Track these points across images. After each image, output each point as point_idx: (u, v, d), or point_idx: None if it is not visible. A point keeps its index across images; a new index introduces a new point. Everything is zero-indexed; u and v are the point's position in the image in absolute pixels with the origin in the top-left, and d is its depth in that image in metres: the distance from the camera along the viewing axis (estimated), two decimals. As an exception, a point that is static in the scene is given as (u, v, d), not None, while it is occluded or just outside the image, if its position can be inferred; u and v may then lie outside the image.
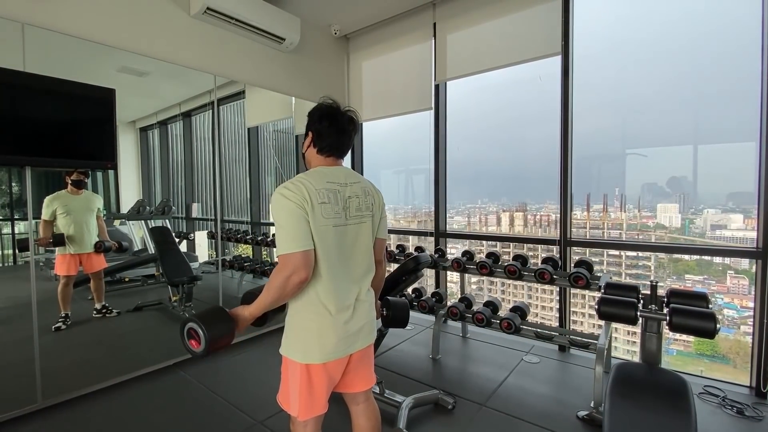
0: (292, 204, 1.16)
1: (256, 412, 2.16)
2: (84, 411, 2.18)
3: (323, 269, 1.21)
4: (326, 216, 1.20)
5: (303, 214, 1.16)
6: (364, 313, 1.32)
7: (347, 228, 1.26)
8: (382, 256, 1.44)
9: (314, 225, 1.18)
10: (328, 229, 1.20)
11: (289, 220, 1.15)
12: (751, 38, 2.31)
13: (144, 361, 2.64)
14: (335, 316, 1.23)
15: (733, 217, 2.67)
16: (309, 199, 1.17)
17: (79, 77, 2.29)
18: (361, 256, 1.31)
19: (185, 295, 3.14)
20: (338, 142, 1.31)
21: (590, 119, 2.98)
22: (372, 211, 1.34)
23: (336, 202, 1.23)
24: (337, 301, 1.23)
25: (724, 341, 2.85)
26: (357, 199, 1.29)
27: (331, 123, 1.30)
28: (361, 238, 1.30)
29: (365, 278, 1.34)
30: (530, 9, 2.98)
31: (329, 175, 1.27)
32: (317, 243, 1.19)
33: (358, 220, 1.29)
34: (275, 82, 3.50)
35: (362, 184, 1.34)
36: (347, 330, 1.26)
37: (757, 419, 2.08)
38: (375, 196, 1.37)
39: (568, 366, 2.76)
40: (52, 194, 2.54)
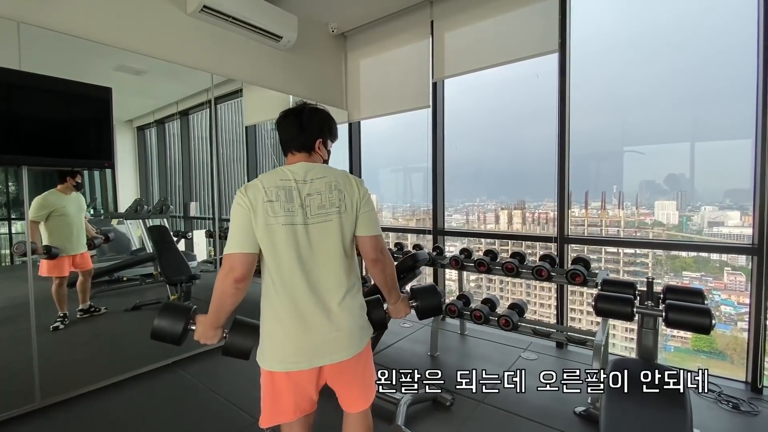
0: (239, 206, 1.15)
1: (255, 411, 2.14)
2: (83, 410, 2.19)
3: (273, 273, 1.18)
4: (273, 214, 1.14)
5: (247, 214, 1.14)
6: (334, 324, 1.19)
7: (308, 228, 1.17)
8: (375, 254, 1.27)
9: (259, 225, 1.14)
10: (275, 228, 1.14)
11: (234, 221, 1.16)
12: (747, 36, 2.31)
13: (143, 360, 2.64)
14: (289, 324, 1.17)
15: (731, 214, 2.68)
16: (253, 199, 1.15)
17: (75, 76, 2.29)
18: (329, 258, 1.20)
19: (184, 294, 3.14)
20: (289, 135, 1.27)
21: (588, 117, 2.99)
22: (340, 206, 1.20)
23: (288, 199, 1.16)
24: (290, 308, 1.17)
25: (721, 338, 2.87)
26: (319, 196, 1.19)
27: (282, 120, 1.29)
28: (328, 238, 1.19)
29: (336, 283, 1.21)
30: (527, 7, 2.98)
31: (285, 173, 1.21)
32: (264, 244, 1.15)
33: (322, 219, 1.19)
34: (273, 80, 3.49)
35: (328, 179, 1.22)
36: (308, 340, 1.17)
37: (753, 414, 2.10)
38: (347, 190, 1.22)
39: (566, 362, 2.77)
40: (42, 195, 2.44)
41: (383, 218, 4.49)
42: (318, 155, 1.30)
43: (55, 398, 2.24)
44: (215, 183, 3.34)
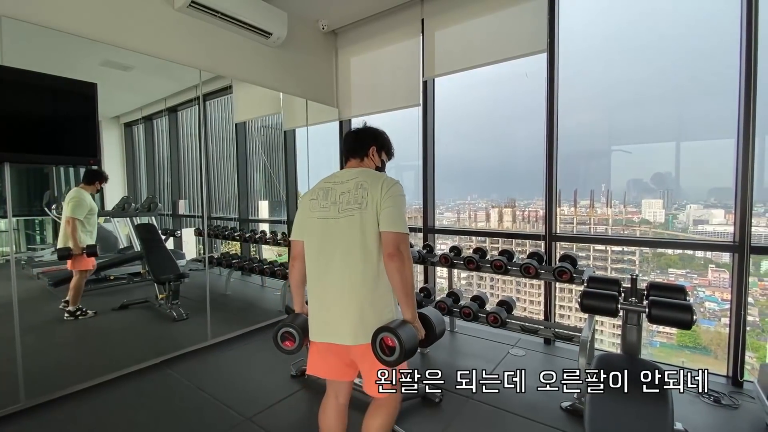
0: (299, 204, 1.50)
1: (245, 409, 2.16)
2: (69, 410, 2.16)
3: (308, 259, 1.43)
4: (313, 210, 1.41)
5: (300, 211, 1.47)
6: (350, 307, 1.32)
7: (338, 221, 1.36)
8: (392, 249, 1.30)
9: (303, 218, 1.44)
10: (312, 221, 1.41)
11: (296, 216, 1.50)
12: (731, 38, 2.36)
13: (130, 360, 2.62)
14: (313, 303, 1.42)
15: (715, 213, 2.74)
16: (305, 198, 1.45)
17: (59, 71, 2.25)
18: (349, 250, 1.33)
19: (172, 293, 3.11)
20: (347, 144, 1.55)
21: (576, 116, 3.02)
22: (362, 203, 1.33)
23: (325, 197, 1.40)
24: (315, 290, 1.41)
25: (705, 333, 2.92)
26: (348, 194, 1.37)
27: (346, 135, 1.59)
28: (351, 231, 1.34)
29: (354, 274, 1.32)
30: (516, 7, 3.00)
31: (331, 176, 1.47)
32: (305, 234, 1.44)
33: (347, 214, 1.35)
34: (262, 77, 3.46)
35: (358, 180, 1.39)
36: (322, 319, 1.39)
37: (733, 407, 2.15)
38: (371, 188, 1.35)
39: (553, 358, 2.81)
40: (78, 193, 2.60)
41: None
42: (371, 161, 1.53)
43: (41, 398, 2.21)
44: (204, 180, 3.30)
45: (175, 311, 3.12)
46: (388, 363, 1.27)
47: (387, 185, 1.36)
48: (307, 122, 3.93)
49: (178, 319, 3.11)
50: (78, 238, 2.51)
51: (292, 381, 2.47)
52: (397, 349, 1.24)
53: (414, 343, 1.30)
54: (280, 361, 2.73)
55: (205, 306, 3.08)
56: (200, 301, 3.11)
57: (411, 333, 1.30)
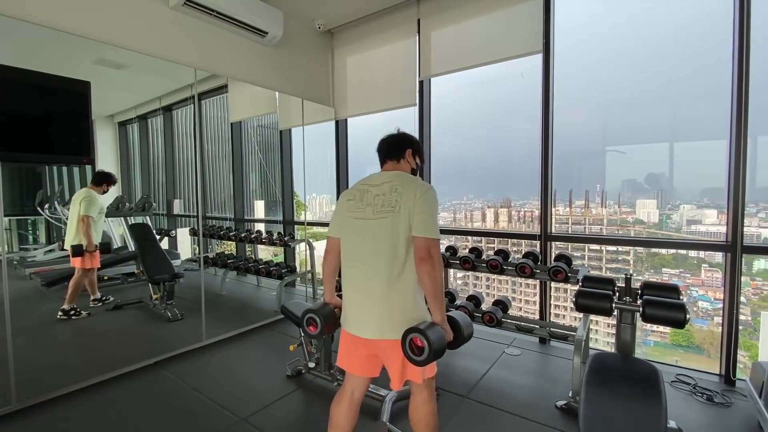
0: (337, 203, 1.59)
1: (240, 409, 2.15)
2: (62, 412, 2.14)
3: (343, 255, 1.54)
4: (349, 210, 1.51)
5: (338, 210, 1.57)
6: (376, 304, 1.41)
7: (372, 222, 1.44)
8: (423, 252, 1.36)
9: (340, 217, 1.55)
10: (348, 221, 1.51)
11: (333, 214, 1.60)
12: (723, 41, 2.38)
13: (124, 361, 2.59)
14: (346, 296, 1.52)
15: (708, 213, 2.76)
16: (342, 198, 1.56)
17: (52, 69, 2.23)
18: (380, 250, 1.41)
19: (166, 293, 3.09)
20: (384, 147, 1.62)
21: (572, 116, 3.04)
22: (395, 207, 1.40)
23: (361, 199, 1.49)
24: (348, 285, 1.51)
25: (698, 332, 2.95)
26: (382, 197, 1.44)
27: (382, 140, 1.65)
28: (383, 232, 1.41)
29: (383, 274, 1.40)
30: (512, 7, 3.01)
31: (367, 179, 1.56)
32: (341, 233, 1.54)
33: (381, 216, 1.42)
34: (258, 76, 3.45)
35: (393, 183, 1.45)
36: (353, 312, 1.48)
37: (726, 405, 2.17)
38: (405, 193, 1.41)
39: (548, 357, 2.82)
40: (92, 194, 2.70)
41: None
42: (407, 163, 1.60)
43: (33, 400, 2.18)
44: (200, 180, 3.29)
45: (170, 311, 3.10)
46: (417, 363, 1.32)
47: (420, 191, 1.41)
48: (303, 122, 3.92)
49: (172, 320, 3.09)
50: (92, 235, 2.63)
51: (287, 381, 2.46)
52: (426, 349, 1.28)
53: (442, 344, 1.34)
54: (275, 361, 2.72)
55: (200, 306, 3.06)
56: (195, 301, 3.09)
57: (440, 334, 1.34)
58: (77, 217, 2.63)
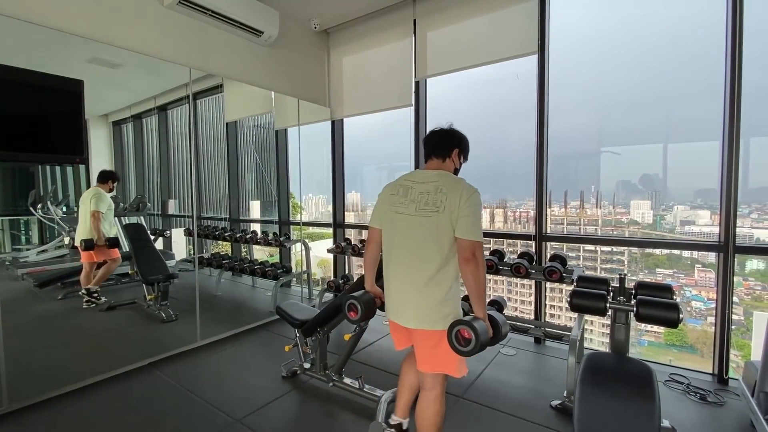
0: (379, 196, 1.67)
1: (234, 410, 2.14)
2: (54, 413, 2.11)
3: (385, 247, 1.62)
4: (392, 204, 1.58)
5: (378, 205, 1.65)
6: (413, 296, 1.50)
7: (414, 218, 1.50)
8: (467, 254, 1.41)
9: (382, 210, 1.62)
10: (390, 214, 1.58)
11: (375, 205, 1.68)
12: (717, 44, 2.41)
13: (118, 361, 2.57)
14: (387, 285, 1.62)
15: (701, 213, 2.78)
16: (385, 192, 1.63)
17: (44, 67, 2.21)
18: (421, 246, 1.48)
19: (161, 293, 3.07)
20: (432, 143, 1.65)
21: (567, 118, 3.05)
22: (440, 207, 1.45)
23: (404, 195, 1.55)
24: (389, 276, 1.60)
25: (692, 332, 2.97)
26: (426, 196, 1.49)
27: (429, 133, 1.68)
28: (425, 229, 1.47)
29: (423, 268, 1.47)
30: (508, 8, 3.02)
31: (411, 175, 1.61)
32: (383, 225, 1.62)
33: (425, 214, 1.48)
34: (253, 76, 3.44)
35: (438, 184, 1.50)
36: (393, 300, 1.58)
37: (719, 405, 2.19)
38: (450, 194, 1.45)
39: (543, 357, 2.83)
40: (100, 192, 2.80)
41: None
42: (452, 162, 1.63)
43: (25, 402, 2.16)
44: (195, 180, 3.27)
45: (164, 312, 3.08)
46: (463, 353, 1.39)
47: (466, 194, 1.44)
48: (299, 122, 3.91)
49: (166, 321, 3.07)
50: (102, 229, 2.77)
51: (282, 382, 2.45)
52: (473, 340, 1.35)
53: (486, 337, 1.41)
54: (270, 362, 2.71)
55: (194, 307, 3.04)
56: (190, 302, 3.07)
57: (484, 328, 1.42)
58: (87, 213, 2.76)
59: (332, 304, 2.25)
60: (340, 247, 3.78)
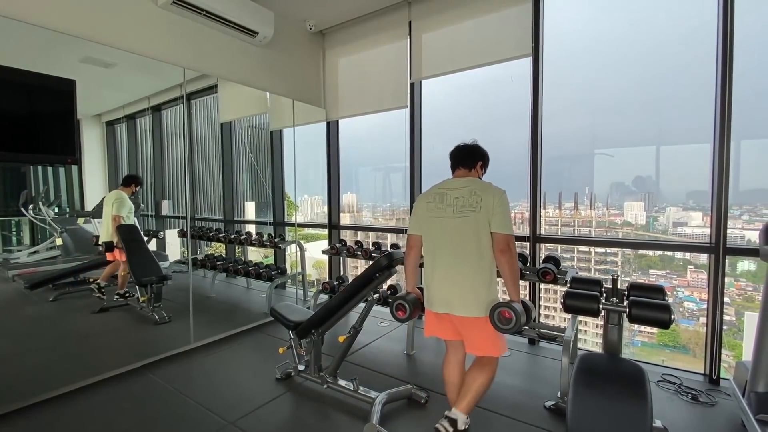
0: (415, 205, 1.90)
1: (227, 413, 2.12)
2: (44, 417, 2.09)
3: (426, 249, 1.84)
4: (430, 211, 1.80)
5: (416, 213, 1.86)
6: (456, 287, 1.73)
7: (453, 221, 1.73)
8: (503, 246, 1.67)
9: (422, 217, 1.83)
10: (430, 220, 1.80)
11: (411, 215, 1.91)
12: (708, 48, 2.44)
13: (110, 364, 2.55)
14: (430, 283, 1.81)
15: (693, 215, 2.81)
16: (421, 201, 1.85)
17: (36, 67, 2.18)
18: (463, 244, 1.71)
19: (154, 295, 3.05)
20: (459, 156, 1.90)
21: (561, 120, 3.07)
22: (476, 207, 1.69)
23: (441, 201, 1.78)
24: (432, 273, 1.80)
25: (684, 332, 3.00)
26: (462, 199, 1.73)
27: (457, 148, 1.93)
28: (465, 228, 1.71)
29: (463, 260, 1.71)
30: (502, 11, 3.04)
31: (443, 184, 1.84)
32: (423, 230, 1.83)
33: (463, 215, 1.71)
34: (248, 76, 3.43)
35: (471, 188, 1.73)
36: (441, 294, 1.77)
37: (710, 405, 2.20)
38: (484, 195, 1.69)
39: (537, 358, 2.84)
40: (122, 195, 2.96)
41: (363, 217, 4.48)
42: (476, 172, 1.89)
43: (14, 405, 2.13)
44: (189, 181, 3.25)
45: (157, 314, 3.05)
46: (504, 330, 1.63)
47: (498, 194, 1.70)
48: (294, 122, 3.90)
49: (160, 322, 3.04)
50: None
51: (277, 384, 2.44)
52: (513, 319, 1.60)
53: (523, 318, 1.64)
54: (264, 364, 2.70)
55: (188, 309, 3.02)
56: (183, 303, 3.05)
57: (521, 309, 1.64)
58: (109, 217, 2.91)
59: (327, 305, 2.25)
60: (335, 248, 3.77)
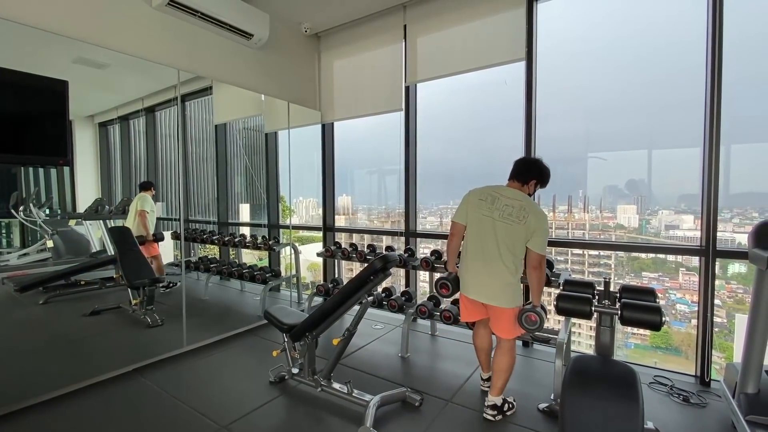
0: (465, 198, 2.14)
1: (220, 417, 2.11)
2: (33, 422, 2.06)
3: (467, 241, 2.10)
4: (480, 207, 2.03)
5: (466, 203, 2.11)
6: (488, 279, 2.01)
7: (497, 222, 1.98)
8: (536, 263, 1.96)
9: (471, 211, 2.07)
10: (477, 216, 2.03)
11: (460, 204, 2.15)
12: (698, 55, 2.47)
13: (101, 368, 2.52)
14: (466, 271, 2.11)
15: (685, 218, 2.84)
16: (472, 196, 2.09)
17: (27, 67, 2.16)
18: (500, 245, 1.97)
19: (146, 298, 3.02)
20: (518, 170, 2.13)
21: (555, 123, 3.10)
22: (520, 220, 1.93)
23: (492, 202, 2.01)
24: (469, 263, 2.08)
25: (676, 334, 3.02)
26: (511, 208, 1.96)
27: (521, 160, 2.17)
28: (506, 233, 1.96)
29: (496, 258, 1.97)
30: (496, 16, 3.06)
31: (497, 188, 2.07)
32: (469, 223, 2.08)
33: (507, 222, 1.96)
34: (243, 78, 3.42)
35: (522, 203, 1.97)
36: (475, 283, 2.07)
37: (701, 406, 2.22)
38: (530, 214, 1.93)
39: (531, 360, 2.85)
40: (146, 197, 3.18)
41: (358, 220, 4.48)
42: (528, 188, 2.09)
43: (3, 410, 2.09)
44: (182, 183, 3.23)
45: (150, 317, 3.03)
46: (529, 330, 1.97)
47: (542, 218, 1.95)
48: (289, 125, 3.90)
49: (152, 326, 3.01)
50: (148, 226, 3.16)
51: (270, 387, 2.42)
52: (538, 322, 1.94)
53: (545, 322, 1.97)
54: (258, 367, 2.68)
55: (181, 311, 3.00)
56: (176, 306, 3.03)
57: (543, 314, 1.96)
58: (134, 213, 3.16)
59: (321, 308, 2.24)
60: (330, 250, 3.76)
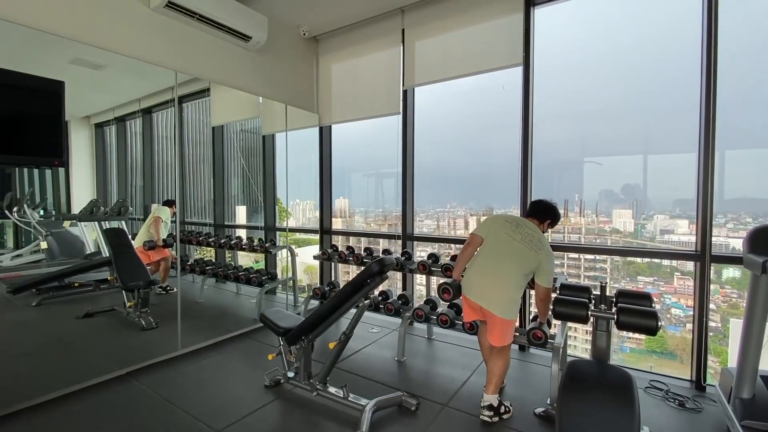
0: (490, 218, 2.33)
1: (215, 421, 2.09)
2: (25, 426, 2.03)
3: (483, 252, 2.23)
4: (504, 227, 2.21)
5: (491, 222, 2.28)
6: (495, 289, 2.13)
7: (516, 243, 2.14)
8: (543, 296, 2.21)
9: (495, 229, 2.22)
10: (501, 233, 2.20)
11: (483, 221, 2.33)
12: (693, 62, 2.51)
13: (94, 371, 2.49)
14: (473, 277, 2.22)
15: (680, 223, 2.86)
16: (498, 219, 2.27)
17: (23, 67, 2.15)
18: (510, 264, 2.12)
19: (141, 300, 2.99)
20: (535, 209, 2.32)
21: (551, 128, 3.11)
22: (532, 248, 2.12)
23: (516, 227, 2.20)
24: (477, 271, 2.22)
25: (671, 338, 3.03)
26: (531, 237, 2.15)
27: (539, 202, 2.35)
28: (519, 255, 2.12)
29: (509, 273, 2.11)
30: (494, 21, 3.09)
31: (517, 219, 2.26)
32: (489, 236, 2.22)
33: (522, 246, 2.13)
34: (241, 80, 3.42)
35: (539, 237, 2.16)
36: (479, 289, 2.18)
37: (697, 411, 2.23)
38: (541, 246, 2.13)
39: (528, 365, 2.85)
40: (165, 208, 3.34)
41: (355, 222, 4.48)
42: (543, 227, 2.28)
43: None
44: (179, 184, 3.22)
45: (144, 320, 3.00)
46: (536, 345, 2.40)
47: (552, 257, 2.16)
48: (287, 127, 3.90)
49: (147, 328, 2.99)
50: (159, 232, 3.30)
51: (265, 391, 2.41)
52: (544, 338, 2.35)
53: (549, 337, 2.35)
54: (253, 371, 2.66)
55: (176, 314, 2.97)
56: (171, 309, 3.00)
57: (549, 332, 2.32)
58: (152, 218, 3.33)
59: (317, 311, 2.23)
60: (326, 253, 3.75)
